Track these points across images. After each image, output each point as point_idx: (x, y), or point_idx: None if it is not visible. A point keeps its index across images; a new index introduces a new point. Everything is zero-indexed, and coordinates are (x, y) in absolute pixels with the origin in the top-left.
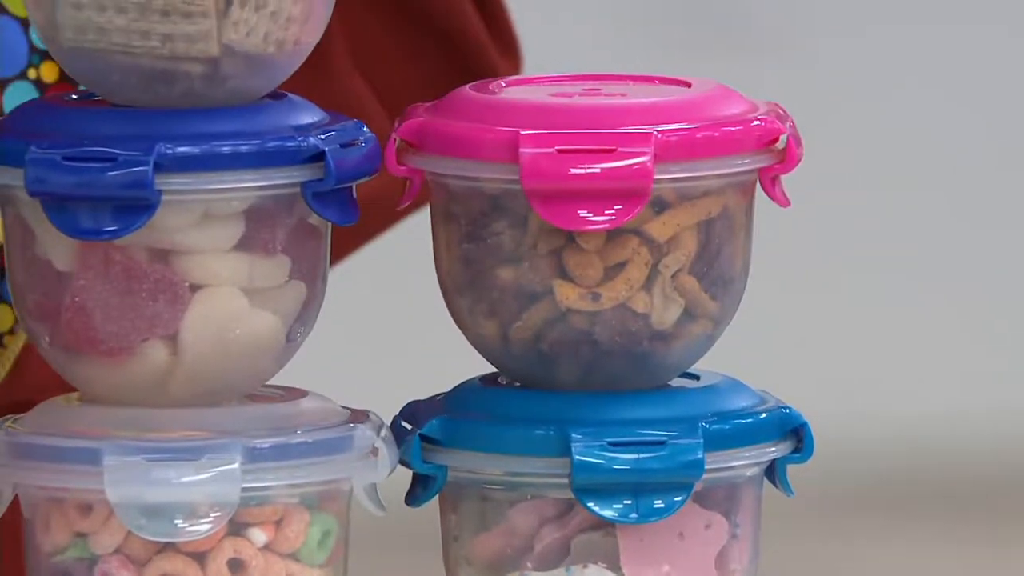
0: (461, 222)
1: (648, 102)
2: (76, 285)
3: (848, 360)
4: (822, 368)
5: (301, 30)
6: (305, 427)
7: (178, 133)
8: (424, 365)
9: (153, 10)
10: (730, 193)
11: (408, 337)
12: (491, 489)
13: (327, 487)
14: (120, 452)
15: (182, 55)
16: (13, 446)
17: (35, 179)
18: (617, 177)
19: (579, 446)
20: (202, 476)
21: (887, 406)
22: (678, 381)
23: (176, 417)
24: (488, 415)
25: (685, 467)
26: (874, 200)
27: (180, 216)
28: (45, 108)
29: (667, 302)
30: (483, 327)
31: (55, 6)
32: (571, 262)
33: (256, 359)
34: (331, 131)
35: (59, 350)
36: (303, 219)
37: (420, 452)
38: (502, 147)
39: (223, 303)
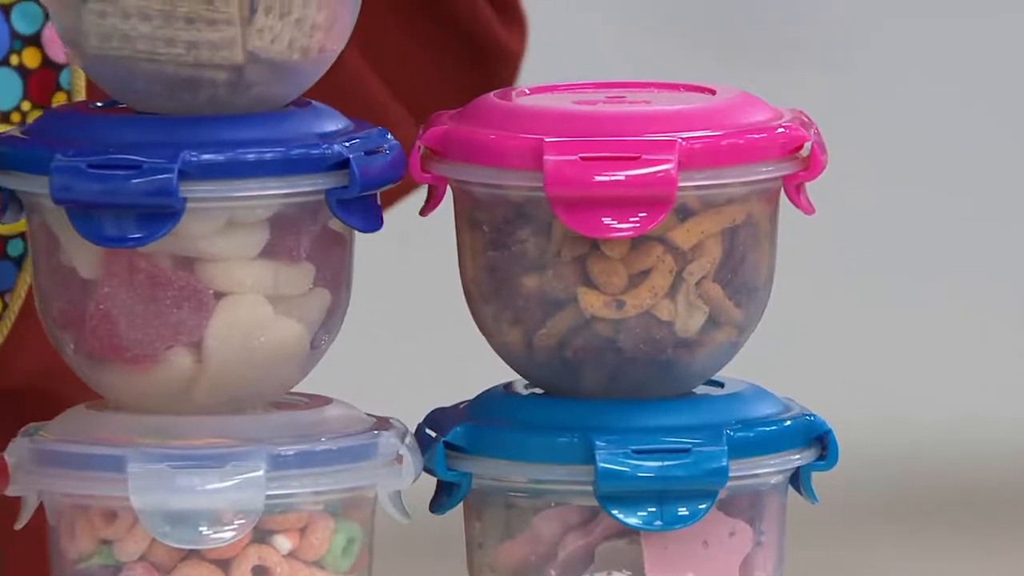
0: (485, 229)
1: (672, 109)
2: (101, 293)
3: (873, 367)
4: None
5: (326, 37)
6: (329, 434)
7: (203, 140)
8: (448, 372)
9: (178, 17)
10: (754, 200)
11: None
12: (515, 496)
13: (352, 494)
14: (145, 459)
15: (207, 62)
16: (38, 453)
17: (60, 187)
18: (641, 184)
19: (603, 454)
20: (227, 483)
21: (912, 413)
22: (702, 388)
23: (201, 424)
24: (512, 423)
25: (710, 475)
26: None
27: (205, 223)
28: (70, 116)
29: (691, 310)
30: (507, 334)
31: (80, 13)
32: (595, 269)
33: (280, 366)
34: (356, 138)
35: (84, 358)
36: (327, 226)
37: (444, 459)
38: (526, 155)
39: (248, 311)
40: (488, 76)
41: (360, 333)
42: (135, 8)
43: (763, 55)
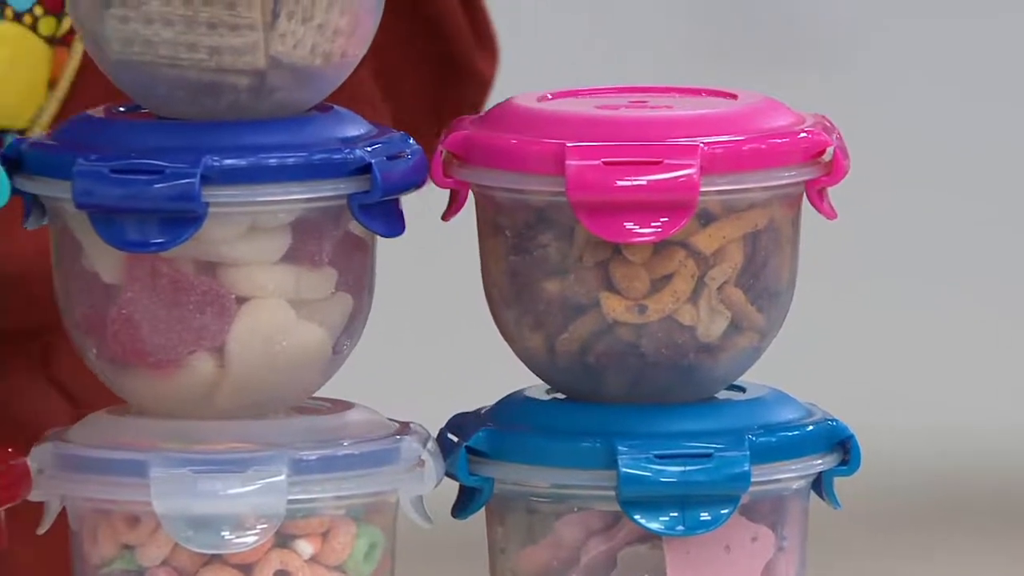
0: (507, 234)
1: (694, 114)
2: (123, 297)
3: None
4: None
5: (348, 42)
6: (352, 439)
7: (225, 145)
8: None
9: (200, 23)
10: (776, 205)
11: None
12: (538, 501)
13: (374, 499)
14: (167, 464)
15: (229, 67)
16: (60, 458)
17: (83, 191)
18: (663, 189)
19: (626, 458)
20: (249, 488)
21: (936, 418)
22: (724, 393)
23: (223, 429)
24: (534, 427)
25: (732, 480)
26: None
27: (227, 228)
28: (92, 121)
29: (713, 314)
30: (529, 339)
31: (102, 19)
32: (617, 274)
33: (303, 371)
34: (377, 143)
35: (106, 362)
36: (349, 231)
37: (467, 464)
38: (548, 159)
39: (270, 315)
40: (459, 97)
41: (382, 338)
42: (157, 13)
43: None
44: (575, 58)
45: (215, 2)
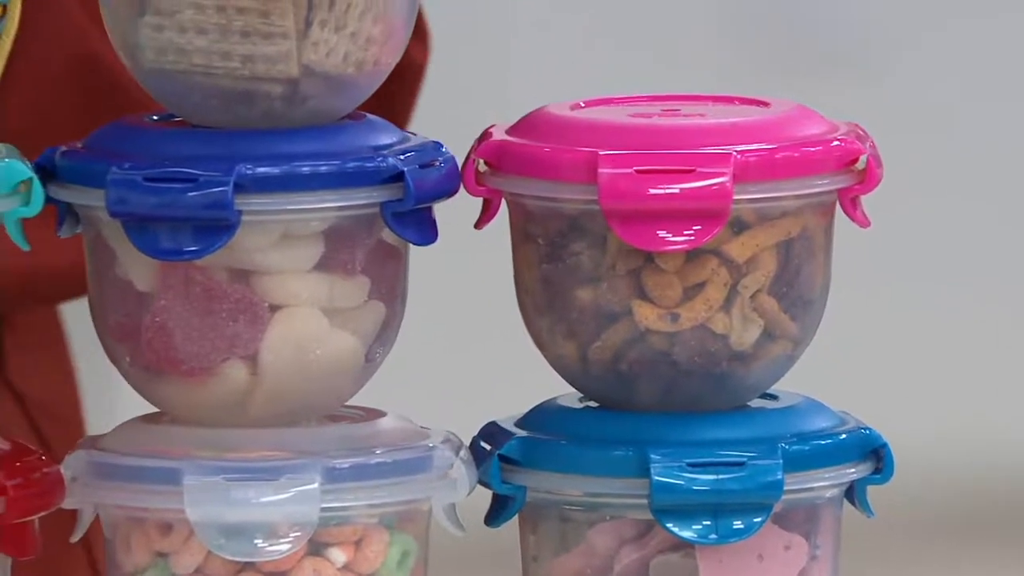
0: (540, 243)
1: (727, 122)
2: (157, 305)
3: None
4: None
5: (381, 50)
6: (384, 447)
7: (258, 154)
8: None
9: (233, 31)
10: (809, 213)
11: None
12: (570, 510)
13: (406, 507)
14: (200, 472)
15: (262, 76)
16: (94, 465)
17: (116, 200)
18: (696, 197)
19: (658, 467)
20: (282, 496)
21: (970, 426)
22: (757, 402)
23: (256, 437)
24: (567, 435)
25: (765, 488)
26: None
27: (260, 236)
28: (126, 129)
29: (746, 323)
30: (562, 347)
31: (136, 27)
32: (650, 282)
33: (335, 379)
34: (410, 151)
35: (140, 370)
36: (382, 239)
37: (499, 472)
38: (581, 167)
39: (303, 323)
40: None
41: (415, 346)
42: (191, 22)
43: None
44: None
45: (249, 11)
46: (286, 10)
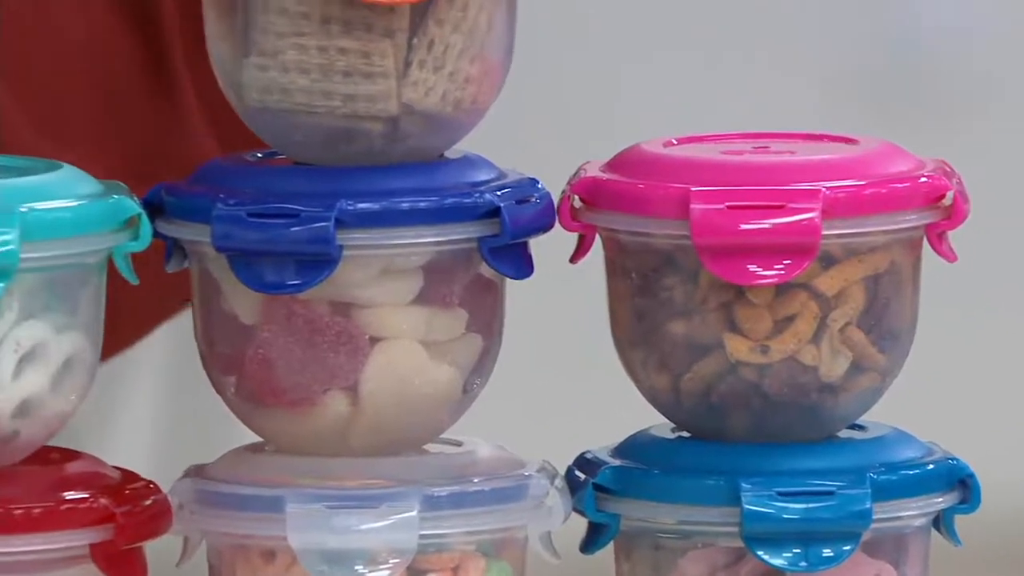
0: (633, 276)
1: (816, 159)
2: (260, 337)
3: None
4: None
5: (478, 90)
6: (481, 476)
7: (359, 190)
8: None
9: (335, 71)
10: (897, 248)
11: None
12: (663, 537)
13: (503, 535)
14: (302, 500)
15: (363, 114)
16: (200, 493)
17: (221, 235)
18: (786, 233)
19: (749, 496)
20: (381, 523)
21: None
22: (846, 432)
23: (356, 466)
24: (660, 465)
25: (854, 517)
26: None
27: (361, 270)
28: (231, 166)
29: (835, 355)
30: (655, 379)
31: (241, 67)
32: (741, 316)
33: (434, 410)
34: (507, 188)
35: (244, 401)
36: (479, 273)
37: (594, 501)
38: (673, 203)
39: (402, 355)
40: None
41: (512, 377)
42: (294, 62)
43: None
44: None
45: (350, 51)
46: (386, 50)
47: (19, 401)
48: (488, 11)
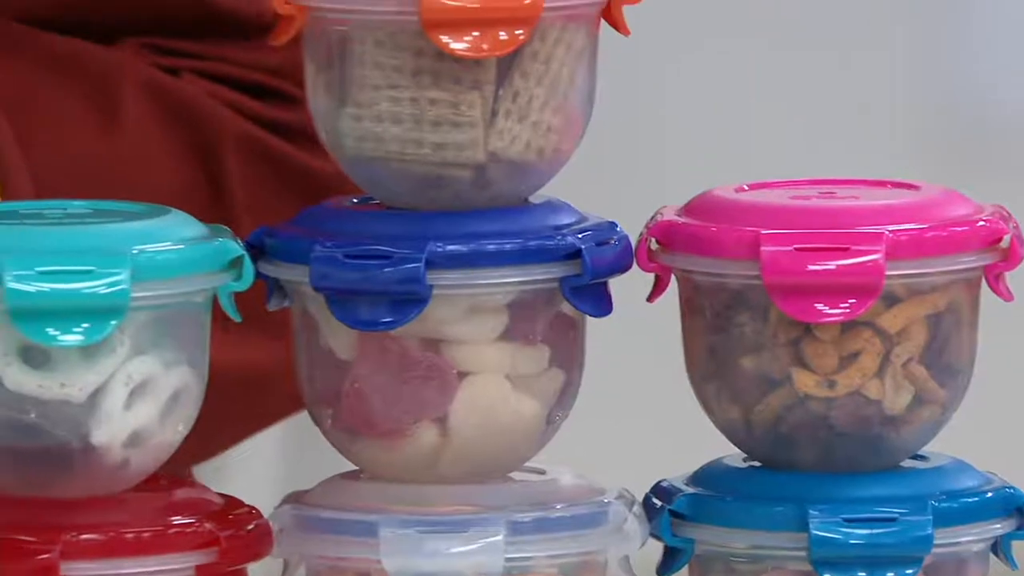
0: (707, 315)
1: (879, 204)
2: (355, 372)
3: None
4: None
5: (560, 139)
6: (563, 503)
7: (448, 233)
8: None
9: (426, 121)
10: (956, 288)
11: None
12: (735, 561)
13: (583, 558)
14: (395, 525)
15: (452, 162)
16: (299, 519)
17: (319, 275)
18: (851, 273)
19: (816, 522)
20: (469, 547)
21: None
22: (908, 462)
23: (446, 493)
24: (732, 493)
25: (915, 542)
26: None
27: (449, 309)
28: (328, 211)
29: (898, 389)
30: (727, 411)
31: (338, 117)
32: (808, 351)
33: (518, 440)
34: (587, 231)
35: (340, 432)
36: (561, 311)
37: (670, 526)
38: (745, 246)
39: (489, 389)
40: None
41: (592, 409)
42: (387, 113)
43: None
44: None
45: (440, 102)
46: (474, 101)
47: (130, 432)
48: (570, 65)
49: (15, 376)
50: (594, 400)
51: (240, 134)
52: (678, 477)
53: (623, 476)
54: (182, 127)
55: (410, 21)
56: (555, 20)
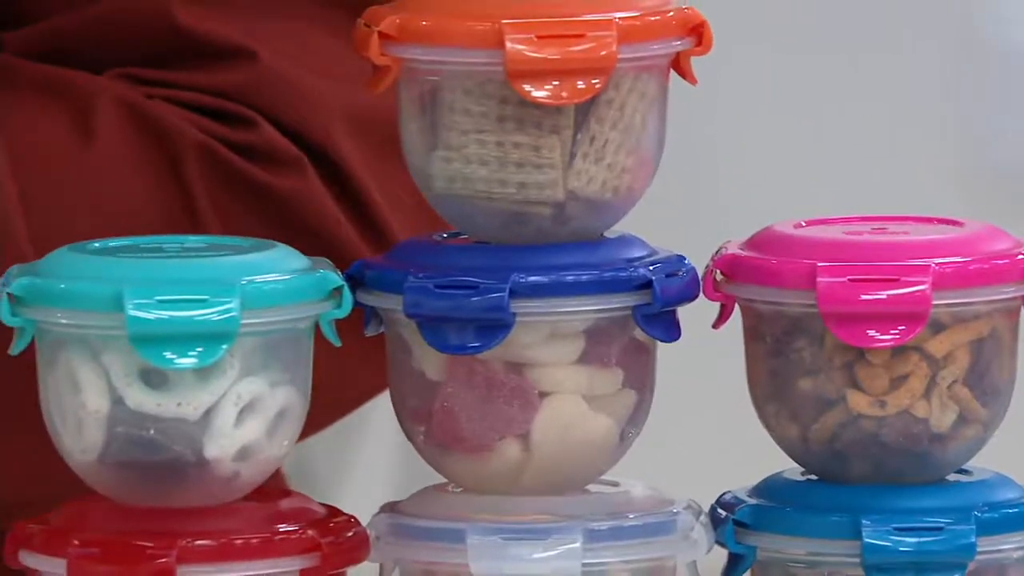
0: (767, 340)
1: (927, 239)
2: (445, 392)
3: None
4: None
5: (633, 179)
6: (636, 512)
7: (530, 265)
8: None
9: (510, 163)
10: (998, 316)
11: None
12: (794, 566)
13: (654, 563)
14: (481, 532)
15: (534, 200)
16: (394, 527)
17: (412, 304)
18: (901, 303)
19: (869, 531)
20: (550, 553)
21: None
22: (953, 476)
23: (528, 504)
24: (791, 503)
25: (960, 550)
26: None
27: (531, 334)
28: (421, 245)
29: (944, 409)
30: (787, 429)
31: (430, 160)
32: (861, 374)
33: (594, 455)
34: (658, 263)
35: (431, 447)
36: (634, 337)
37: (733, 534)
38: (803, 277)
39: (567, 408)
40: None
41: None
42: (475, 155)
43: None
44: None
45: (523, 145)
46: (554, 145)
47: (240, 447)
48: (642, 112)
49: (136, 396)
50: (664, 418)
51: (201, 146)
52: (741, 489)
53: (691, 488)
54: (149, 140)
55: (496, 72)
56: (628, 70)
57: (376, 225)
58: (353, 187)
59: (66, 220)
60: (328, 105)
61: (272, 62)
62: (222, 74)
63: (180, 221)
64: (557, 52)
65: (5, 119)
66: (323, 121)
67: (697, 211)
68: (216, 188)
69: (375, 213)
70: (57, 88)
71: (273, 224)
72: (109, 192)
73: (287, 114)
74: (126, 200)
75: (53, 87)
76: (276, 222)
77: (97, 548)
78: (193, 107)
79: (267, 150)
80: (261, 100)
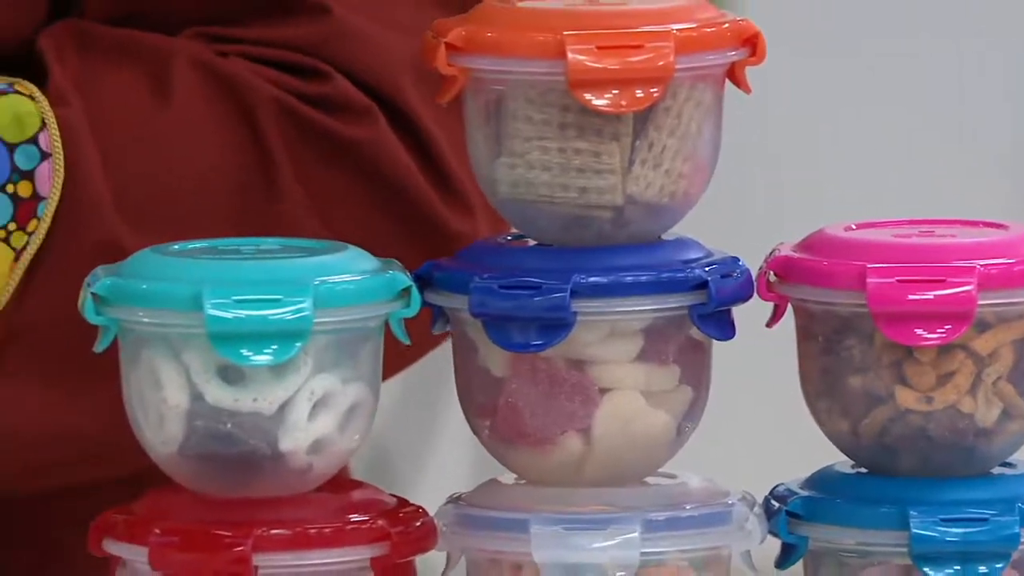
0: (819, 339)
1: (972, 242)
2: (509, 388)
3: None
4: None
5: (690, 184)
6: (692, 503)
7: (590, 266)
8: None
9: (571, 168)
10: None
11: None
12: (845, 556)
13: (710, 552)
14: (544, 523)
15: (594, 204)
16: (461, 517)
17: (478, 303)
18: (947, 303)
19: (916, 521)
20: (609, 542)
21: None
22: (998, 469)
23: (588, 495)
24: (842, 495)
25: (1004, 540)
26: None
27: (591, 333)
28: (486, 247)
29: (989, 405)
30: (837, 424)
31: (494, 166)
32: (909, 371)
33: (652, 449)
34: (713, 264)
35: (496, 441)
36: (690, 335)
37: (786, 525)
38: (853, 278)
39: (626, 404)
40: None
41: (718, 421)
42: (538, 161)
43: None
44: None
45: (584, 152)
46: (614, 151)
47: (313, 440)
48: (698, 120)
49: (214, 392)
50: (720, 414)
51: (276, 100)
52: (794, 481)
53: (745, 480)
54: (225, 97)
55: (558, 81)
56: (685, 80)
57: (444, 174)
58: (422, 137)
59: (147, 181)
60: (398, 57)
61: (344, 15)
62: (295, 28)
63: (258, 175)
64: (617, 62)
65: (85, 84)
66: (393, 73)
67: (752, 214)
68: (292, 140)
69: (443, 163)
70: (133, 50)
71: (347, 173)
72: (188, 151)
73: (359, 66)
74: (205, 158)
75: (129, 50)
76: (350, 172)
77: (177, 537)
78: (266, 62)
79: (341, 102)
80: (334, 53)
